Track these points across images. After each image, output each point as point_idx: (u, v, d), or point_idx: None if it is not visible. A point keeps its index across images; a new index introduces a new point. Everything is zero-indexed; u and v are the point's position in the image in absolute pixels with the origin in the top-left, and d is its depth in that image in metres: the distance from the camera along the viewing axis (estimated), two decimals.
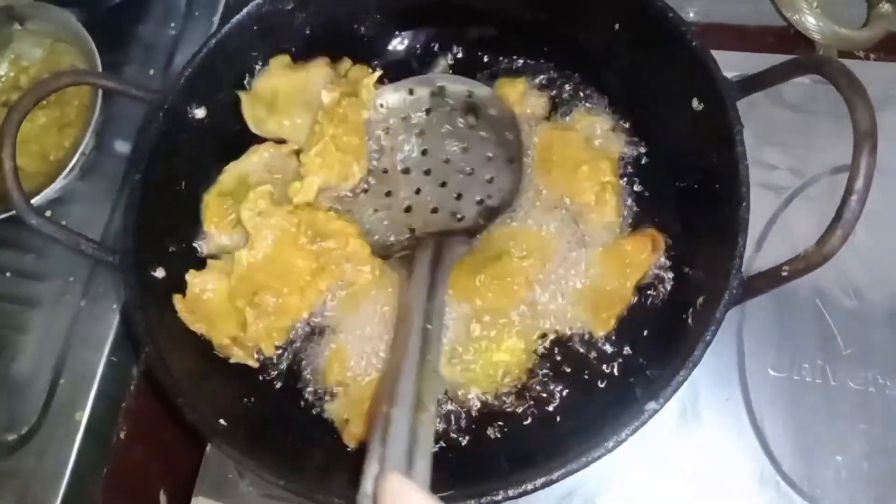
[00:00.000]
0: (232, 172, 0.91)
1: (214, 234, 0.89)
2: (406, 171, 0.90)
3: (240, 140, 0.91)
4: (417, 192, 0.89)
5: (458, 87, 0.90)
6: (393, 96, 0.91)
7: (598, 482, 0.85)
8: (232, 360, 0.83)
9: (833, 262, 0.65)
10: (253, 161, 0.91)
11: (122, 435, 0.99)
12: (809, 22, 1.00)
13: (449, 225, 0.86)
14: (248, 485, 0.91)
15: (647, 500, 0.85)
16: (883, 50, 1.02)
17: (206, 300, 0.84)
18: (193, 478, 0.92)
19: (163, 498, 1.04)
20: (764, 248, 0.93)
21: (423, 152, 0.90)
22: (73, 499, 0.93)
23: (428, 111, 0.91)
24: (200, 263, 0.86)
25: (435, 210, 0.87)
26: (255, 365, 0.85)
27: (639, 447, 0.84)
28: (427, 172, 0.89)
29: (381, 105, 0.91)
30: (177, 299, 0.83)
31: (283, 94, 0.92)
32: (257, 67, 0.92)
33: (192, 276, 0.84)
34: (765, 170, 0.96)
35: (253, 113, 0.92)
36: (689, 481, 0.85)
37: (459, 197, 0.87)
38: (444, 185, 0.88)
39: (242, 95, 0.91)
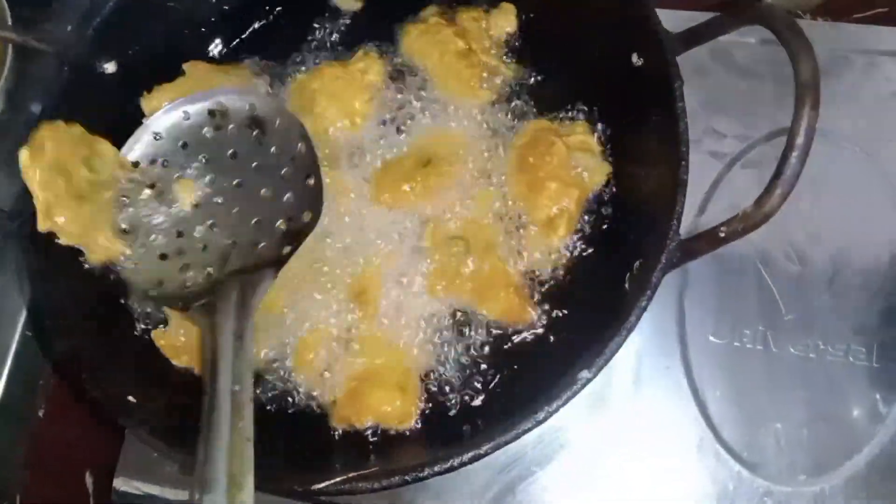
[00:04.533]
0: None
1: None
2: (195, 205, 0.80)
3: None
4: (211, 227, 0.79)
5: (238, 102, 0.80)
6: (166, 121, 0.79)
7: (537, 453, 0.84)
8: None
9: (776, 227, 0.63)
10: None
11: (40, 413, 0.95)
12: None
13: (250, 259, 0.77)
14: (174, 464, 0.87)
15: (585, 469, 0.83)
16: (829, 13, 1.01)
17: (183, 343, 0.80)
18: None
19: (89, 479, 1.00)
20: (707, 212, 0.91)
21: (211, 181, 0.80)
22: None
23: (209, 132, 0.80)
24: None
25: (234, 244, 0.78)
26: None
27: (578, 416, 0.84)
28: (220, 203, 0.80)
29: (157, 135, 0.79)
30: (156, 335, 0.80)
31: None
32: None
33: (157, 337, 0.80)
34: (709, 134, 0.95)
35: None
36: (627, 450, 0.83)
37: (258, 224, 0.78)
38: (239, 213, 0.79)
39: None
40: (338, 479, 0.63)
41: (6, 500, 0.92)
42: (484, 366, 0.78)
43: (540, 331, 0.79)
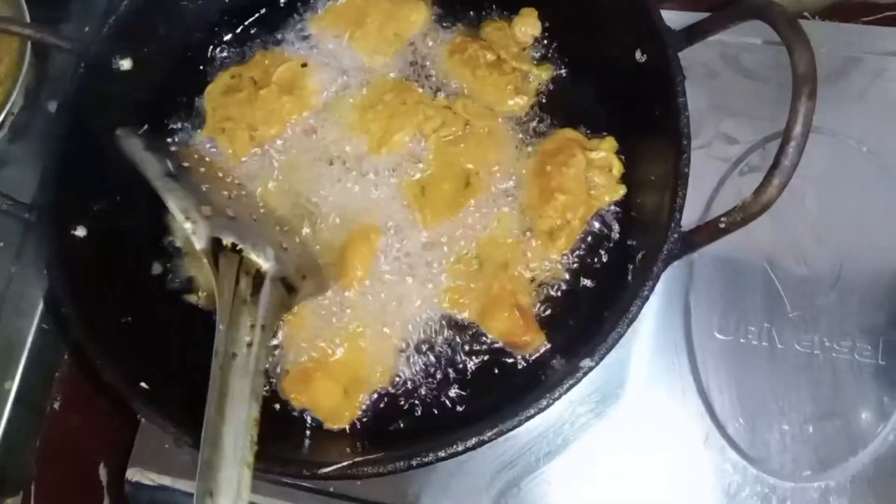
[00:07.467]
0: None
1: None
2: None
3: (167, 92, 0.87)
4: None
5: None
6: None
7: (542, 448, 0.84)
8: None
9: (782, 227, 0.64)
10: None
11: (55, 405, 0.96)
12: None
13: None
14: (188, 454, 0.88)
15: (590, 464, 0.83)
16: (837, 15, 1.00)
17: None
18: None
19: (103, 471, 1.01)
20: (711, 212, 0.91)
21: None
22: (3, 470, 0.90)
23: None
24: (126, 219, 0.83)
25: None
26: None
27: (583, 411, 0.84)
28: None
29: None
30: None
31: None
32: None
33: None
34: (716, 136, 0.95)
35: None
36: (632, 445, 0.84)
37: None
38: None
39: None
40: (344, 464, 0.64)
41: (21, 489, 0.93)
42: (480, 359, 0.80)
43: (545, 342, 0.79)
